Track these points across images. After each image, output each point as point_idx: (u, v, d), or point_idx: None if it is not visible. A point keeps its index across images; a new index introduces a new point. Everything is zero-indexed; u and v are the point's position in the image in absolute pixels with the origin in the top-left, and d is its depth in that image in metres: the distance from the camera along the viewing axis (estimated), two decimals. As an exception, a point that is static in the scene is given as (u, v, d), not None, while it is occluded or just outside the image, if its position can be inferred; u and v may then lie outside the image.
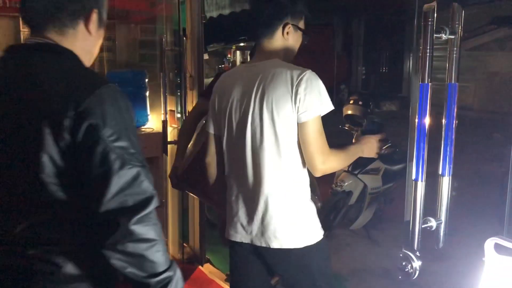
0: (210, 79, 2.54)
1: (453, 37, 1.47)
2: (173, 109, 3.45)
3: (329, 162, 1.58)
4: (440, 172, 1.53)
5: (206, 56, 3.18)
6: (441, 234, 1.52)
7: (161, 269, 1.09)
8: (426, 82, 1.43)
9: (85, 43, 1.20)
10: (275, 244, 1.62)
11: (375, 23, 13.85)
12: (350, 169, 3.70)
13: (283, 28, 1.67)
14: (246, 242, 1.68)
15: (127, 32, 4.41)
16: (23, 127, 1.06)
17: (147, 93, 3.80)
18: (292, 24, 1.67)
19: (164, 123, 3.21)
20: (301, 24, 1.72)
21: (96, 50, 1.26)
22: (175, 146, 3.43)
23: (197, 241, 3.40)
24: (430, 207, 1.49)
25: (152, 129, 3.74)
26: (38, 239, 1.08)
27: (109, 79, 1.28)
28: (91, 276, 1.12)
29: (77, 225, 1.10)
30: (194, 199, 3.35)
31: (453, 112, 1.52)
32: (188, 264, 3.39)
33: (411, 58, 13.15)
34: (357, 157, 1.74)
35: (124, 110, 1.09)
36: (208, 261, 3.45)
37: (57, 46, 1.15)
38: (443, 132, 1.53)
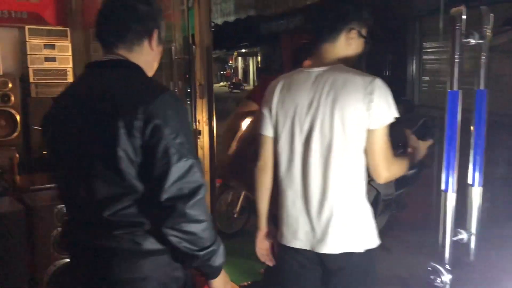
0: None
1: (482, 41, 1.42)
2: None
3: (393, 169, 1.61)
4: (470, 182, 1.47)
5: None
6: (472, 247, 1.46)
7: (208, 243, 1.30)
8: (456, 89, 1.38)
9: (148, 57, 1.42)
10: (338, 249, 1.59)
11: (378, 26, 13.85)
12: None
13: (348, 33, 1.65)
14: (306, 248, 1.65)
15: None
16: (104, 127, 1.26)
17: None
18: (357, 30, 1.65)
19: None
20: (364, 32, 1.70)
21: (156, 63, 1.47)
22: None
23: (208, 252, 3.33)
24: (459, 217, 1.44)
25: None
26: (122, 222, 1.29)
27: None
28: (165, 251, 1.32)
29: (149, 210, 1.28)
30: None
31: (483, 119, 1.47)
32: (200, 275, 3.31)
33: (414, 61, 13.13)
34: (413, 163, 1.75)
35: (180, 113, 1.30)
36: (220, 272, 3.37)
37: (127, 61, 1.37)
38: (472, 140, 1.47)
